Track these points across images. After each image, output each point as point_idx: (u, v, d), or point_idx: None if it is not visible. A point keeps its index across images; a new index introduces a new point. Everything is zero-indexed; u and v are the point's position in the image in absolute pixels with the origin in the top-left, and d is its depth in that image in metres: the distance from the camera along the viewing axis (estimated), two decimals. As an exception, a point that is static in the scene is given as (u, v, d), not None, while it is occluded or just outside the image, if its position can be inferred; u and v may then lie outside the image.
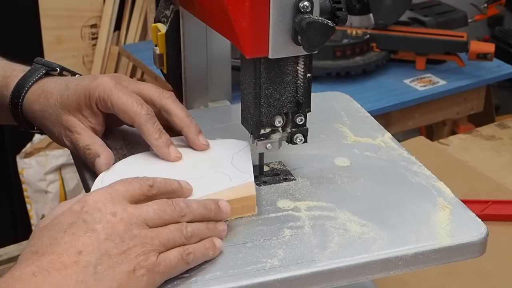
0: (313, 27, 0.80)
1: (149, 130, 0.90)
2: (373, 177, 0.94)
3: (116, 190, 0.77)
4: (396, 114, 2.20)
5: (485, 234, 0.84)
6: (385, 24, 2.30)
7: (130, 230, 0.74)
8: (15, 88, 0.97)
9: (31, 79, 0.97)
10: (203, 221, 0.80)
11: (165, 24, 1.08)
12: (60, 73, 1.00)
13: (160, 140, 0.91)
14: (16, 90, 0.97)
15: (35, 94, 0.96)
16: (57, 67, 0.99)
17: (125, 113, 0.90)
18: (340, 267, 0.79)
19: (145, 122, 0.90)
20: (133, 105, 0.90)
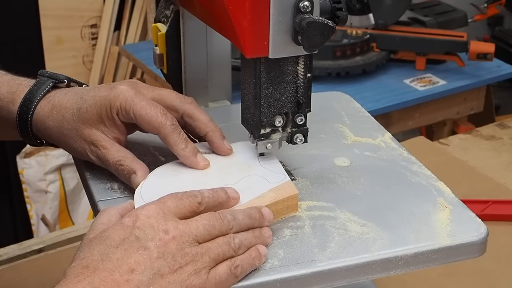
0: (313, 27, 0.80)
1: (175, 141, 0.89)
2: (373, 177, 0.94)
3: (168, 206, 0.76)
4: (396, 114, 2.20)
5: (485, 234, 0.84)
6: (385, 24, 2.30)
7: (182, 249, 0.73)
8: (22, 103, 0.93)
9: (39, 93, 0.93)
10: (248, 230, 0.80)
11: (165, 24, 1.08)
12: (67, 84, 0.96)
13: (187, 150, 0.89)
14: (24, 105, 0.93)
15: (45, 109, 0.92)
16: (64, 78, 0.96)
17: (149, 124, 0.88)
18: (340, 267, 0.79)
19: (170, 133, 0.88)
20: (157, 116, 0.88)
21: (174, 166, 0.91)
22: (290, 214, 0.86)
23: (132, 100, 0.88)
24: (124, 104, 0.88)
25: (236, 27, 0.83)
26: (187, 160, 0.89)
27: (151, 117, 0.88)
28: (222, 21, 0.87)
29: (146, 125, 0.88)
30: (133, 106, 0.88)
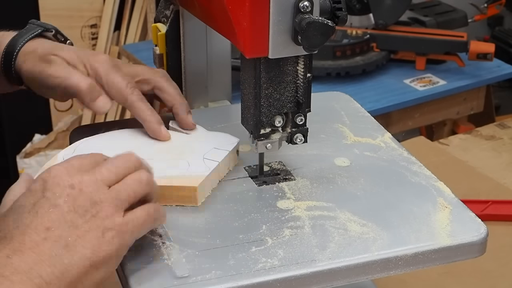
0: (313, 27, 0.80)
1: (141, 108, 0.95)
2: (373, 177, 0.94)
3: (72, 165, 0.78)
4: (396, 114, 2.20)
5: (485, 234, 0.84)
6: (385, 24, 2.30)
7: (91, 198, 0.75)
8: (8, 43, 0.98)
9: (27, 36, 0.99)
10: None
11: (165, 24, 1.08)
12: (54, 34, 1.02)
13: (153, 117, 0.95)
14: (10, 45, 0.98)
15: (33, 47, 0.97)
16: (52, 28, 1.02)
17: (118, 92, 0.95)
18: (340, 267, 0.79)
19: (137, 101, 0.95)
20: (126, 86, 0.95)
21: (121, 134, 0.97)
22: (188, 204, 0.87)
23: (108, 68, 0.96)
24: (100, 70, 0.95)
25: (236, 27, 0.83)
26: (152, 126, 0.95)
27: (121, 86, 0.95)
28: (222, 21, 0.87)
29: (114, 93, 0.95)
30: (108, 74, 0.95)
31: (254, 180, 0.93)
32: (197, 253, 0.80)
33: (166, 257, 0.79)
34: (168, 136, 0.96)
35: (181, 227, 0.84)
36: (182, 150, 0.94)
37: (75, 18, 2.87)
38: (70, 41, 1.04)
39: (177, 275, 0.77)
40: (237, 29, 0.83)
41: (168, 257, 0.79)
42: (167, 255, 0.80)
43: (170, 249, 0.81)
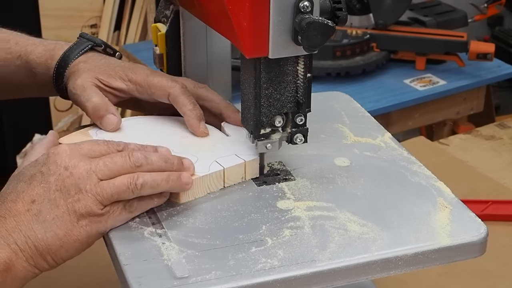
0: (313, 27, 0.80)
1: (184, 101, 0.96)
2: (373, 177, 0.94)
3: (80, 148, 0.84)
4: (396, 114, 2.20)
5: (485, 234, 0.84)
6: (385, 24, 2.30)
7: (78, 185, 0.81)
8: (61, 58, 1.01)
9: (78, 52, 1.01)
10: None
11: (165, 24, 1.08)
12: (104, 49, 1.04)
13: (194, 111, 0.96)
14: (62, 60, 1.01)
15: (79, 64, 1.00)
16: (101, 43, 1.04)
17: (161, 88, 0.96)
18: (340, 267, 0.79)
19: (180, 94, 0.96)
20: (168, 81, 0.96)
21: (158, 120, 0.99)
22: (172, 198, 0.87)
23: (147, 75, 0.97)
24: (140, 80, 0.97)
25: (236, 27, 0.83)
26: (189, 121, 0.96)
27: (162, 82, 0.96)
28: (222, 21, 0.87)
29: (158, 91, 0.96)
30: (146, 78, 0.97)
31: (254, 180, 0.93)
32: (197, 254, 0.80)
33: (166, 257, 0.79)
34: (206, 133, 0.97)
35: (181, 228, 0.84)
36: (203, 148, 0.94)
37: (75, 18, 2.87)
38: (119, 53, 1.06)
39: (177, 275, 0.77)
40: (237, 29, 0.83)
41: (168, 258, 0.79)
42: (167, 256, 0.80)
43: (170, 249, 0.81)
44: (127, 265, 0.79)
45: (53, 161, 0.82)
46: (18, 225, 0.80)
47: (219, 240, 0.82)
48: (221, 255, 0.80)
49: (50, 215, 0.80)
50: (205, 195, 0.90)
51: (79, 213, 0.81)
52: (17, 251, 0.79)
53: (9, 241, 0.79)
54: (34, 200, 0.81)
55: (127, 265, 0.79)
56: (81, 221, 0.81)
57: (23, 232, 0.80)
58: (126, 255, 0.80)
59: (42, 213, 0.80)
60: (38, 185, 0.81)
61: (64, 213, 0.80)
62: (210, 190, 0.90)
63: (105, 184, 0.81)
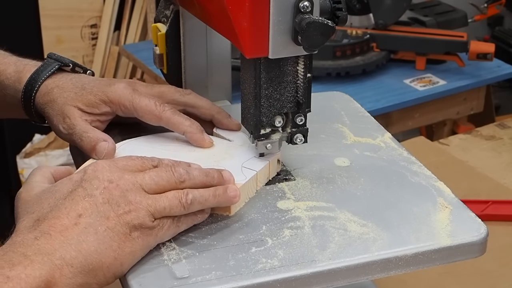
0: (313, 27, 0.80)
1: (179, 121, 0.94)
2: (373, 177, 0.94)
3: (116, 163, 0.81)
4: (396, 114, 2.20)
5: (485, 234, 0.84)
6: (385, 24, 2.30)
7: (126, 196, 0.78)
8: (28, 82, 0.98)
9: (44, 74, 0.99)
10: None
11: (165, 24, 1.08)
12: (72, 68, 1.01)
13: (193, 126, 0.95)
14: (29, 84, 0.98)
15: (48, 87, 0.98)
16: (69, 62, 1.01)
17: (150, 113, 0.94)
18: (340, 267, 0.79)
19: (172, 115, 0.94)
20: (156, 106, 0.94)
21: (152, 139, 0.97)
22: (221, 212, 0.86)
23: (131, 96, 0.95)
24: (123, 101, 0.95)
25: (236, 27, 0.83)
26: (194, 136, 0.94)
27: (150, 107, 0.94)
28: (222, 21, 0.87)
29: (147, 116, 0.94)
30: (132, 101, 0.94)
31: None
32: (197, 254, 0.80)
33: (166, 257, 0.79)
34: (211, 142, 0.95)
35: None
36: (222, 157, 0.93)
37: (75, 18, 2.87)
38: (90, 71, 1.03)
39: (177, 275, 0.77)
40: (237, 29, 0.83)
41: (168, 258, 0.79)
42: (167, 256, 0.80)
43: (170, 249, 0.80)
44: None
45: (94, 176, 0.79)
46: (67, 239, 0.74)
47: (219, 240, 0.82)
48: (221, 255, 0.80)
49: (102, 227, 0.76)
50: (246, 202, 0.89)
51: (132, 224, 0.77)
52: (62, 267, 0.73)
53: (53, 257, 0.73)
54: (81, 214, 0.76)
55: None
56: (134, 233, 0.77)
57: (73, 246, 0.74)
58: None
59: (92, 226, 0.75)
60: (82, 200, 0.77)
61: (116, 224, 0.76)
62: (249, 196, 0.89)
63: (157, 197, 0.79)
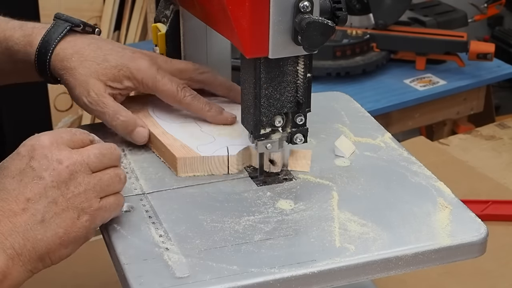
0: (313, 27, 0.80)
1: (198, 107, 0.99)
2: (373, 177, 0.94)
3: (61, 138, 0.81)
4: (396, 114, 2.20)
5: (485, 234, 0.84)
6: (385, 24, 2.30)
7: (75, 178, 0.78)
8: (41, 45, 0.99)
9: (57, 36, 0.99)
10: None
11: (165, 24, 1.08)
12: (83, 28, 1.02)
13: (212, 110, 1.00)
14: (42, 47, 0.99)
15: (66, 52, 0.98)
16: (80, 23, 1.02)
17: (171, 98, 0.99)
18: (340, 267, 0.79)
19: (192, 101, 0.99)
20: (177, 91, 0.98)
21: None
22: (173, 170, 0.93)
23: (154, 77, 0.98)
24: (147, 80, 0.98)
25: (236, 27, 0.83)
26: (216, 119, 1.00)
27: (172, 92, 0.98)
28: (222, 21, 0.87)
29: (168, 99, 0.99)
30: (155, 83, 0.98)
31: (254, 180, 0.93)
32: (197, 253, 0.80)
33: (166, 257, 0.79)
34: (234, 118, 1.00)
35: (181, 227, 0.84)
36: (228, 133, 0.98)
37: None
38: (98, 29, 1.04)
39: (177, 275, 0.77)
40: (237, 29, 0.83)
41: (168, 257, 0.79)
42: (167, 255, 0.80)
43: (170, 249, 0.80)
44: (127, 264, 0.79)
45: (43, 155, 0.78)
46: (15, 227, 0.75)
47: (219, 239, 0.82)
48: (221, 255, 0.80)
49: (49, 213, 0.76)
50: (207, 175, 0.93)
51: (80, 207, 0.78)
52: (14, 257, 0.75)
53: (5, 246, 0.74)
54: (29, 198, 0.76)
55: (127, 264, 0.79)
56: (82, 217, 0.78)
57: (21, 234, 0.75)
58: (126, 254, 0.80)
59: (40, 212, 0.76)
60: (31, 182, 0.77)
61: (64, 210, 0.77)
62: (212, 172, 0.93)
63: (100, 175, 0.80)
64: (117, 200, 0.83)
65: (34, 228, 0.76)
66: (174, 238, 0.82)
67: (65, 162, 0.78)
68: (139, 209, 0.87)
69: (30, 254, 0.76)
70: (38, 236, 0.76)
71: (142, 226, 0.84)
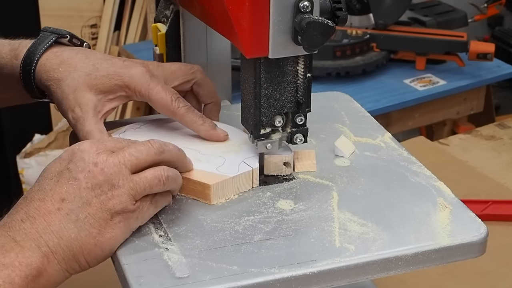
0: (313, 27, 0.80)
1: (192, 119, 0.96)
2: (373, 177, 0.94)
3: (104, 144, 0.82)
4: (396, 114, 2.20)
5: (485, 234, 0.84)
6: (385, 24, 2.30)
7: (110, 180, 0.79)
8: (25, 56, 0.96)
9: (42, 46, 0.96)
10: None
11: (165, 24, 1.08)
12: (70, 40, 0.99)
13: (206, 124, 0.96)
14: (27, 57, 0.96)
15: (52, 62, 0.95)
16: (66, 33, 0.99)
17: (165, 108, 0.95)
18: (340, 267, 0.79)
19: (185, 113, 0.95)
20: (171, 101, 0.94)
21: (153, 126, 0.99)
22: (202, 200, 0.88)
23: (148, 85, 0.94)
24: (140, 88, 0.94)
25: (236, 27, 0.83)
26: (208, 134, 0.96)
27: (166, 101, 0.94)
28: (222, 21, 0.87)
29: (161, 109, 0.95)
30: (149, 91, 0.94)
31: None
32: (197, 254, 0.80)
33: (166, 257, 0.79)
34: (226, 135, 0.97)
35: (181, 228, 0.84)
36: (229, 149, 0.95)
37: (75, 18, 2.87)
38: (87, 43, 1.02)
39: (177, 275, 0.77)
40: (237, 29, 0.83)
41: (168, 258, 0.79)
42: (167, 256, 0.80)
43: (170, 249, 0.80)
44: (127, 264, 0.79)
45: (81, 158, 0.79)
46: (49, 226, 0.77)
47: (219, 240, 0.82)
48: (221, 255, 0.80)
49: (83, 213, 0.77)
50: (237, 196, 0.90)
51: (114, 210, 0.78)
52: (48, 255, 0.76)
53: (40, 244, 0.76)
54: (64, 198, 0.78)
55: (127, 264, 0.79)
56: (115, 218, 0.79)
57: (55, 233, 0.77)
58: (126, 254, 0.80)
59: (73, 212, 0.77)
60: (67, 183, 0.78)
61: (98, 210, 0.78)
62: (240, 190, 0.90)
63: (137, 178, 0.80)
64: (156, 199, 0.83)
65: (68, 227, 0.77)
66: (174, 238, 0.82)
67: (100, 164, 0.79)
68: (139, 209, 0.87)
69: (64, 252, 0.77)
70: (72, 235, 0.77)
71: (142, 226, 0.84)
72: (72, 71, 0.94)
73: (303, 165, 0.95)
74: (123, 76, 0.94)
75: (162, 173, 0.82)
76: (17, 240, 0.76)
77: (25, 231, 0.76)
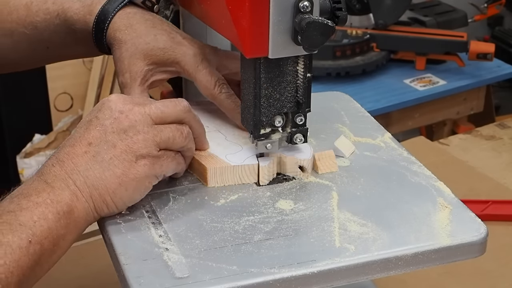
0: (313, 27, 0.80)
1: (230, 106, 0.98)
2: (373, 177, 0.94)
3: (130, 97, 0.87)
4: (396, 114, 2.20)
5: (485, 234, 0.84)
6: (385, 24, 2.30)
7: (134, 126, 0.84)
8: (100, 12, 1.00)
9: (117, 5, 1.00)
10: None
11: (165, 24, 1.08)
12: (143, 1, 1.02)
13: None
14: (101, 14, 1.00)
15: (121, 24, 0.99)
16: None
17: (207, 91, 0.98)
18: (340, 267, 0.79)
19: (225, 99, 0.98)
20: (214, 86, 0.98)
21: None
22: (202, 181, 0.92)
23: (197, 66, 0.98)
24: (188, 68, 0.98)
25: (236, 27, 0.83)
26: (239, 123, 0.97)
27: (210, 85, 0.98)
28: (222, 21, 0.87)
29: (204, 91, 0.99)
30: (196, 73, 0.98)
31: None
32: (197, 253, 0.80)
33: (166, 257, 0.79)
34: None
35: (181, 227, 0.84)
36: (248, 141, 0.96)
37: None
38: (157, 6, 1.04)
39: (177, 275, 0.77)
40: (237, 29, 0.83)
41: (168, 258, 0.79)
42: (167, 256, 0.80)
43: (170, 249, 0.80)
44: (127, 264, 0.79)
45: (108, 107, 0.85)
46: (76, 167, 0.82)
47: (218, 240, 0.82)
48: (221, 255, 0.80)
49: (108, 155, 0.82)
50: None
51: (139, 153, 0.83)
52: (76, 192, 0.81)
53: (68, 183, 0.81)
54: (91, 142, 0.83)
55: (127, 264, 0.79)
56: (140, 161, 0.83)
57: (82, 173, 0.82)
58: (126, 255, 0.80)
59: (99, 154, 0.82)
60: (94, 129, 0.84)
61: (122, 152, 0.82)
62: (242, 181, 0.92)
63: (162, 127, 0.85)
64: (178, 157, 0.87)
65: (93, 167, 0.82)
66: (174, 238, 0.82)
67: (126, 112, 0.84)
68: (139, 210, 0.87)
69: (91, 191, 0.82)
70: (97, 174, 0.82)
71: (142, 226, 0.84)
72: (135, 37, 0.98)
73: (325, 166, 0.95)
74: (177, 53, 0.98)
75: (184, 128, 0.87)
76: (48, 181, 0.81)
77: (55, 173, 0.82)
